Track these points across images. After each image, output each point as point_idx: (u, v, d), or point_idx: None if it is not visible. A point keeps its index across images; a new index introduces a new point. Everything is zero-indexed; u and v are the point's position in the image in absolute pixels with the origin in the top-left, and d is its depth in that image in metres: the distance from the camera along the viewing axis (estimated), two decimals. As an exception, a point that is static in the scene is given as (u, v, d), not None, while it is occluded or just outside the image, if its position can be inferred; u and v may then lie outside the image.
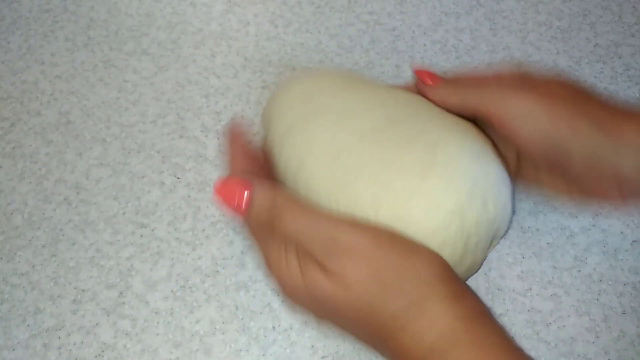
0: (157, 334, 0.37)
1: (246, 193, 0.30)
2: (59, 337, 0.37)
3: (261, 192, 0.30)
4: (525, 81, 0.33)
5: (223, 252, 0.40)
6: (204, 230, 0.41)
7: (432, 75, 0.35)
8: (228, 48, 0.49)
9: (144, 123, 0.45)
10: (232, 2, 0.52)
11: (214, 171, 0.43)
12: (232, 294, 0.38)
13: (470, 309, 0.28)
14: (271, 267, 0.30)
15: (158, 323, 0.37)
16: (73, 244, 0.40)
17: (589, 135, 0.31)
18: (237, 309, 0.38)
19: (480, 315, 0.28)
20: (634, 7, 0.53)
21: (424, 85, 0.35)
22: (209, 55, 0.49)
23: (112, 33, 0.50)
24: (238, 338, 0.37)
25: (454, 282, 0.29)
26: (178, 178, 0.43)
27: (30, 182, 0.43)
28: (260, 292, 0.38)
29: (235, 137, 0.34)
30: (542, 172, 0.35)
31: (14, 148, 0.44)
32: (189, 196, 0.42)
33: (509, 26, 0.51)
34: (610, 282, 0.39)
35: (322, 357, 0.36)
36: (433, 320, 0.27)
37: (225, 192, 0.31)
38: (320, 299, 0.29)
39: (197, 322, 0.37)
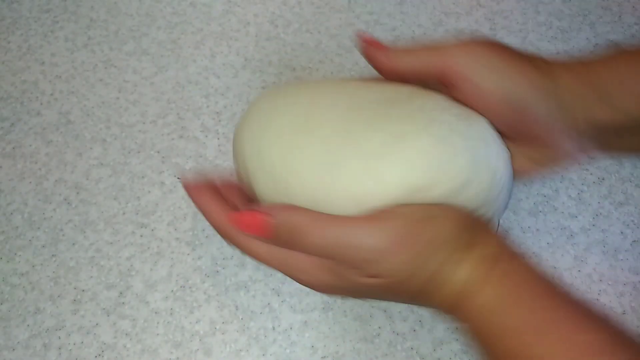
0: (157, 334, 0.37)
1: (264, 219, 0.30)
2: (59, 337, 0.37)
3: (278, 215, 0.30)
4: (472, 39, 0.33)
5: (223, 252, 0.40)
6: (204, 230, 0.41)
7: (379, 43, 0.34)
8: (228, 48, 0.49)
9: (144, 123, 0.45)
10: (232, 2, 0.52)
11: (214, 171, 0.43)
12: (232, 294, 0.38)
13: (493, 250, 0.29)
14: (303, 275, 0.31)
15: (158, 323, 0.37)
16: (73, 244, 0.40)
17: (542, 86, 0.31)
18: (237, 309, 0.38)
19: (504, 253, 0.29)
20: (634, 7, 0.53)
21: (373, 51, 0.33)
22: (209, 55, 0.49)
23: (112, 33, 0.50)
24: (238, 338, 0.37)
25: (474, 228, 0.30)
26: (178, 178, 0.43)
27: (30, 182, 0.43)
28: (260, 292, 0.38)
29: (198, 194, 0.33)
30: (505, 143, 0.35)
31: (14, 148, 0.44)
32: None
33: (509, 26, 0.51)
34: (610, 282, 0.39)
35: (322, 357, 0.36)
36: (462, 269, 0.28)
37: (242, 225, 0.31)
38: (362, 290, 0.30)
39: (197, 322, 0.37)
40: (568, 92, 0.31)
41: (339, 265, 0.29)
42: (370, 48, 0.33)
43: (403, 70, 0.33)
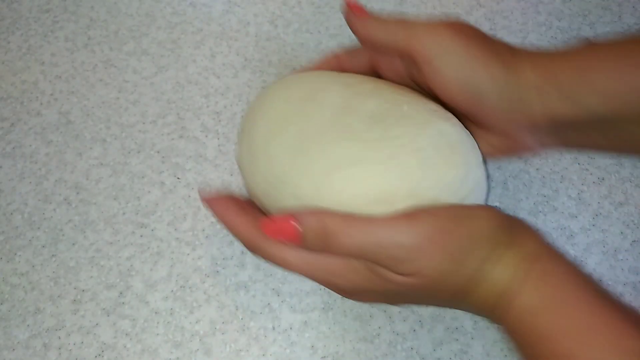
0: (157, 334, 0.37)
1: (294, 225, 0.29)
2: (59, 337, 0.37)
3: (309, 220, 0.29)
4: (445, 20, 0.33)
5: (223, 252, 0.40)
6: (204, 230, 0.41)
7: (362, 9, 0.35)
8: (228, 48, 0.49)
9: (144, 123, 0.45)
10: (232, 2, 0.52)
11: (214, 171, 0.43)
12: (232, 294, 0.38)
13: (533, 248, 0.29)
14: (336, 278, 0.30)
15: (158, 323, 0.37)
16: (73, 244, 0.40)
17: (502, 77, 0.31)
18: (237, 309, 0.38)
19: (543, 252, 0.29)
20: (634, 7, 0.53)
21: (353, 17, 0.34)
22: (209, 55, 0.49)
23: (112, 33, 0.50)
24: (238, 338, 0.37)
25: (512, 227, 0.29)
26: (178, 178, 0.43)
27: (30, 182, 0.43)
28: (260, 292, 0.38)
29: (222, 208, 0.33)
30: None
31: (14, 148, 0.44)
32: (189, 196, 0.42)
33: (509, 26, 0.51)
34: (610, 282, 0.39)
35: (322, 357, 0.36)
36: (502, 268, 0.28)
37: (273, 231, 0.30)
38: (397, 292, 0.30)
39: (197, 322, 0.37)
40: (528, 87, 0.31)
41: (373, 265, 0.29)
42: (350, 14, 0.34)
43: (374, 42, 0.34)
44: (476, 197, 0.33)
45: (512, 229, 0.29)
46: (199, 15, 0.51)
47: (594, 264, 0.39)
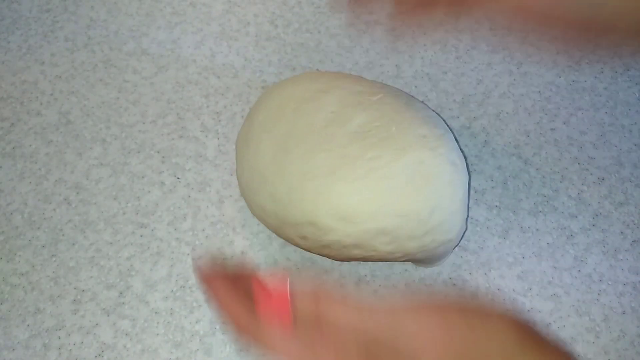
0: (157, 334, 0.37)
1: (287, 307, 0.27)
2: (59, 337, 0.37)
3: (302, 301, 0.27)
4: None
5: (223, 252, 0.40)
6: (204, 230, 0.41)
7: None
8: (228, 48, 0.49)
9: (144, 123, 0.45)
10: (232, 2, 0.52)
11: (214, 171, 0.43)
12: (232, 294, 0.38)
13: None
14: None
15: (158, 323, 0.37)
16: (73, 244, 0.40)
17: None
18: (237, 309, 0.38)
19: None
20: (634, 7, 0.52)
21: None
22: (209, 55, 0.49)
23: (112, 33, 0.50)
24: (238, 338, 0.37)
25: (535, 342, 0.27)
26: (178, 178, 0.43)
27: (30, 182, 0.43)
28: (260, 292, 0.38)
29: (215, 285, 0.30)
30: None
31: (14, 148, 0.44)
32: (189, 196, 0.42)
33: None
34: (610, 282, 0.39)
35: (322, 357, 0.36)
36: None
37: (266, 309, 0.28)
38: None
39: (197, 322, 0.37)
40: None
41: (369, 355, 0.26)
42: None
43: None
44: (447, 229, 0.34)
45: (535, 345, 0.27)
46: (199, 15, 0.51)
47: (594, 264, 0.39)
